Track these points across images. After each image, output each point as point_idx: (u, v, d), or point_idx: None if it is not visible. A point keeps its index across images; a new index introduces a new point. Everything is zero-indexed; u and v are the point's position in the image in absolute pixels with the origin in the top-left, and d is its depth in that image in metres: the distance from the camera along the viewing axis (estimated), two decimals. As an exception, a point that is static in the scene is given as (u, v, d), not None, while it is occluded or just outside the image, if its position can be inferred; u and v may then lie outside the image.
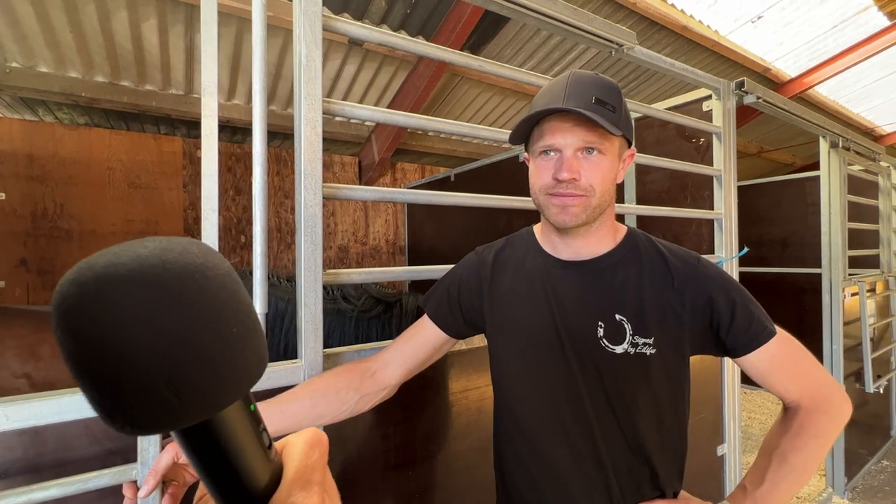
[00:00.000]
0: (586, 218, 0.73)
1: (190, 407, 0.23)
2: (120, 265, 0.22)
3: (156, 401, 0.22)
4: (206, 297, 0.24)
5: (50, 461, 0.70)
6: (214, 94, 0.82)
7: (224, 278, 0.25)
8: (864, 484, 2.72)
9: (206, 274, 0.24)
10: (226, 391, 0.25)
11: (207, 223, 0.82)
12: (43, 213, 3.03)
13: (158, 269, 0.23)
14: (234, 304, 0.25)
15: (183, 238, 0.26)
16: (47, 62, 2.79)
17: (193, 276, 0.24)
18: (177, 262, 0.23)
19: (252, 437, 0.27)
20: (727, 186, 1.75)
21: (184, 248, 0.25)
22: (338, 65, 3.37)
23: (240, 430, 0.26)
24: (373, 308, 1.47)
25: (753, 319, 0.73)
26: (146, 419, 0.23)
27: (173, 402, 0.23)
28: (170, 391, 0.22)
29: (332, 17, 0.96)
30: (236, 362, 0.25)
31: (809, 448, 0.72)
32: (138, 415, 0.22)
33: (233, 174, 3.77)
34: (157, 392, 0.22)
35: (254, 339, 0.26)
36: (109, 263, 0.22)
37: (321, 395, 0.81)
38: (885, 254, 3.24)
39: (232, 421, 0.26)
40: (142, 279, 0.22)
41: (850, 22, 4.43)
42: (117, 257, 0.23)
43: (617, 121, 0.70)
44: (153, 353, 0.22)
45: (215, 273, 0.25)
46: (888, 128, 7.12)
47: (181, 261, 0.24)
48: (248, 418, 0.27)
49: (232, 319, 0.25)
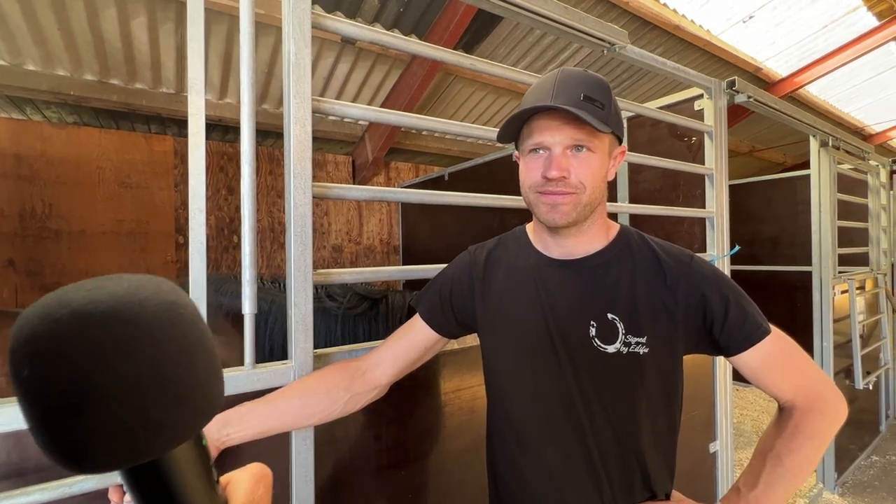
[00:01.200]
0: (576, 216, 0.73)
1: (154, 442, 0.23)
2: (98, 302, 0.22)
3: (123, 438, 0.22)
4: (178, 334, 0.25)
5: (33, 466, 0.69)
6: (202, 91, 0.81)
7: (193, 316, 0.26)
8: (853, 479, 2.76)
9: (178, 311, 0.25)
10: (188, 426, 0.25)
11: (195, 223, 0.81)
12: (31, 213, 2.99)
13: (135, 307, 0.23)
14: (202, 342, 0.26)
15: (153, 276, 0.26)
16: (34, 60, 2.75)
17: (167, 313, 0.24)
18: (151, 300, 0.24)
19: (201, 473, 0.27)
20: (719, 185, 1.75)
21: (156, 286, 0.25)
22: (331, 63, 3.35)
23: (190, 467, 0.26)
24: (358, 305, 1.46)
25: (747, 317, 0.72)
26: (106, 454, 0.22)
27: (142, 437, 0.23)
28: (141, 427, 0.22)
29: (321, 15, 0.95)
30: (201, 398, 0.25)
31: (805, 449, 0.71)
32: (99, 450, 0.22)
33: (225, 173, 3.74)
34: (128, 429, 0.22)
35: (216, 375, 0.27)
36: (88, 300, 0.22)
37: (311, 395, 0.81)
38: (874, 252, 3.28)
39: (185, 457, 0.26)
40: (121, 317, 0.22)
41: (841, 22, 4.47)
42: (95, 294, 0.23)
43: (606, 118, 0.70)
44: (131, 390, 0.22)
45: (185, 310, 0.26)
46: (877, 127, 7.20)
47: (155, 299, 0.24)
48: (199, 454, 0.27)
49: (200, 356, 0.26)
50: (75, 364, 0.21)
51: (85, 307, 0.22)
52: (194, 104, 0.80)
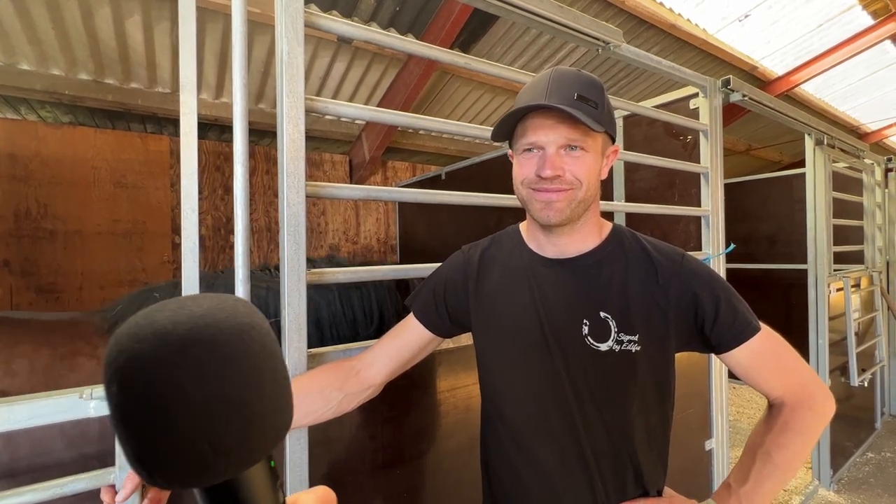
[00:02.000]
0: (571, 213, 0.73)
1: (226, 465, 0.24)
2: (180, 324, 0.23)
3: (196, 457, 0.23)
4: (251, 357, 0.25)
5: (25, 466, 0.68)
6: (194, 90, 0.80)
7: (265, 337, 0.26)
8: (849, 476, 2.77)
9: (251, 334, 0.25)
10: (258, 449, 0.25)
11: (188, 222, 0.81)
12: (26, 214, 2.97)
13: (213, 330, 0.24)
14: (272, 363, 0.26)
15: (230, 296, 0.27)
16: (28, 59, 2.73)
17: (242, 336, 0.25)
18: (227, 322, 0.24)
19: (270, 494, 0.27)
20: (714, 183, 1.76)
21: (233, 307, 0.26)
22: (327, 63, 3.34)
23: (260, 488, 0.26)
24: None
25: (738, 315, 0.73)
26: (183, 474, 0.23)
27: (212, 459, 0.23)
28: (211, 449, 0.23)
29: (314, 14, 0.95)
30: (270, 421, 0.26)
31: (793, 445, 0.72)
32: (176, 470, 0.23)
33: (221, 173, 3.73)
34: (199, 449, 0.23)
35: (285, 396, 0.27)
36: (169, 322, 0.23)
37: (304, 395, 0.81)
38: (870, 249, 3.29)
39: (255, 478, 0.26)
40: (201, 340, 0.23)
41: (836, 21, 4.49)
42: (176, 315, 0.23)
43: (599, 117, 0.70)
44: (203, 411, 0.23)
45: (258, 333, 0.26)
46: (872, 125, 7.24)
47: (231, 321, 0.25)
48: (268, 475, 0.27)
49: (269, 378, 0.26)
50: (151, 384, 0.22)
51: (164, 328, 0.23)
52: (186, 103, 0.80)
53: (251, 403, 0.24)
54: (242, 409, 0.24)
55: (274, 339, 0.27)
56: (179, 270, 3.41)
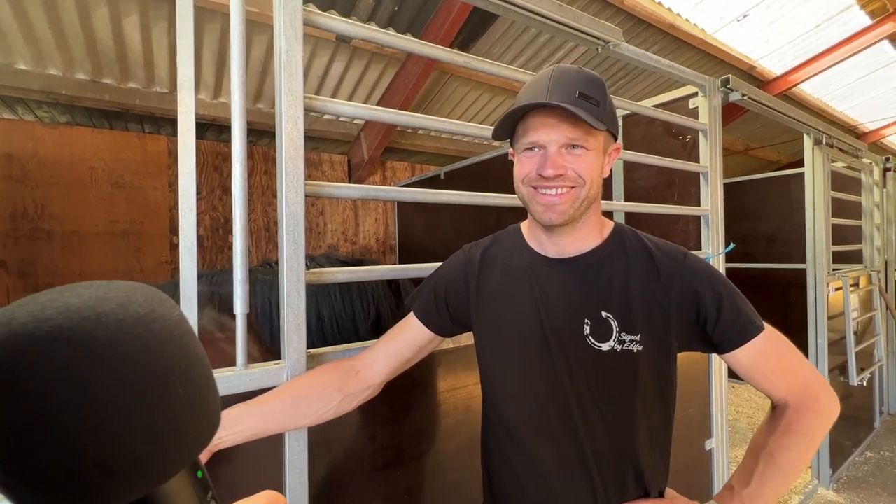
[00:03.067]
0: (573, 213, 0.72)
1: (125, 487, 0.20)
2: (43, 321, 0.19)
3: (82, 484, 0.18)
4: (149, 355, 0.21)
5: None
6: (191, 89, 0.80)
7: (172, 330, 0.22)
8: (848, 475, 2.77)
9: (149, 327, 0.21)
10: (170, 462, 0.21)
11: (186, 222, 0.80)
12: (23, 214, 2.96)
13: (91, 324, 0.19)
14: (183, 361, 0.22)
15: (126, 283, 0.22)
16: (25, 59, 2.72)
17: (135, 330, 0.20)
18: (114, 315, 0.20)
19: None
20: (713, 183, 1.76)
21: (125, 295, 0.21)
22: (325, 62, 3.34)
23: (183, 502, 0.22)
24: None
25: (741, 314, 0.72)
26: (64, 498, 0.19)
27: (104, 483, 0.19)
28: (100, 471, 0.19)
29: (312, 12, 0.95)
30: (183, 429, 0.22)
31: (797, 447, 0.71)
32: (55, 493, 0.18)
33: (219, 173, 3.72)
34: (84, 474, 0.18)
35: (204, 399, 0.23)
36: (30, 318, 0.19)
37: (304, 396, 0.80)
38: (868, 249, 3.30)
39: (174, 494, 0.22)
40: (68, 338, 0.19)
41: (834, 20, 4.50)
42: (42, 310, 0.19)
43: (601, 115, 0.69)
44: (81, 427, 0.18)
45: (161, 325, 0.22)
46: (870, 125, 7.25)
47: (120, 313, 0.20)
48: (194, 489, 0.23)
49: (179, 379, 0.22)
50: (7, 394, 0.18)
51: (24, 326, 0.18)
52: (184, 101, 0.79)
53: (153, 410, 0.20)
54: (139, 417, 0.20)
55: (188, 331, 0.23)
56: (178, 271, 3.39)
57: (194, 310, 0.80)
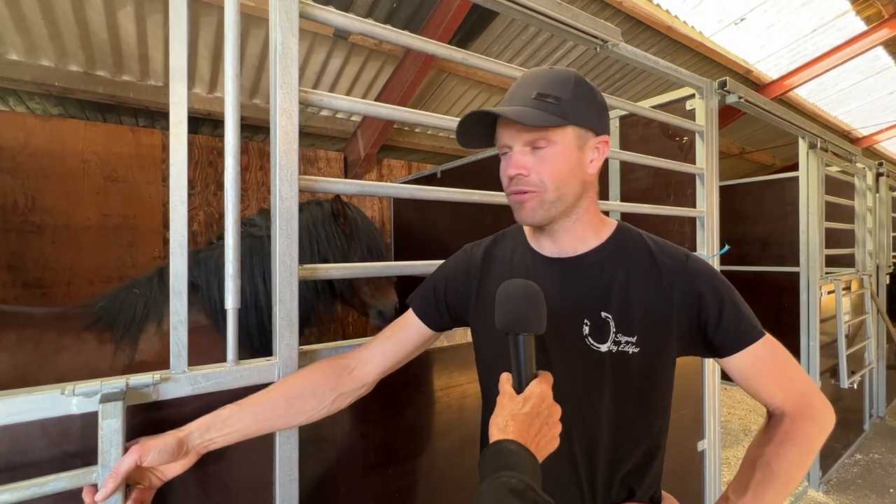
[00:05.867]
0: (544, 213, 0.73)
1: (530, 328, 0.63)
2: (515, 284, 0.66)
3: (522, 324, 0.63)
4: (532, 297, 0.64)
5: (2, 465, 0.66)
6: (184, 79, 0.78)
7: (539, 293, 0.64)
8: (837, 477, 2.79)
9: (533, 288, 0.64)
10: (537, 328, 0.64)
11: (176, 215, 0.78)
12: (13, 207, 2.91)
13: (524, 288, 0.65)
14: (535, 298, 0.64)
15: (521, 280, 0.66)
16: (17, 50, 2.68)
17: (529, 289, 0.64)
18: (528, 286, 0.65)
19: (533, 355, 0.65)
20: (709, 185, 1.76)
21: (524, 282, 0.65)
22: (322, 58, 3.32)
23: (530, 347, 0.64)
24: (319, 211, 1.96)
25: (742, 318, 0.72)
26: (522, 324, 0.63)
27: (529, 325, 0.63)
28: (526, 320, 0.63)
29: (309, 5, 0.93)
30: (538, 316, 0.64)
31: (794, 457, 0.70)
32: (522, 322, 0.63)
33: (214, 169, 3.68)
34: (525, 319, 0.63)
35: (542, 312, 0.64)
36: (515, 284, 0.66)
37: (296, 395, 0.79)
38: (860, 253, 3.33)
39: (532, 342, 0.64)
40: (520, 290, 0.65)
41: (830, 26, 4.53)
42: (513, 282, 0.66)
43: (563, 112, 0.69)
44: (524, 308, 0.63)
45: (533, 290, 0.64)
46: (864, 130, 7.32)
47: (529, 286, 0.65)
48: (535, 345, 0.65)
49: (537, 305, 0.64)
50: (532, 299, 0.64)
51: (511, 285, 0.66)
52: (176, 93, 0.78)
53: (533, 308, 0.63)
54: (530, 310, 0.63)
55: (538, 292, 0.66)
56: (170, 266, 3.28)
57: (185, 305, 0.79)
